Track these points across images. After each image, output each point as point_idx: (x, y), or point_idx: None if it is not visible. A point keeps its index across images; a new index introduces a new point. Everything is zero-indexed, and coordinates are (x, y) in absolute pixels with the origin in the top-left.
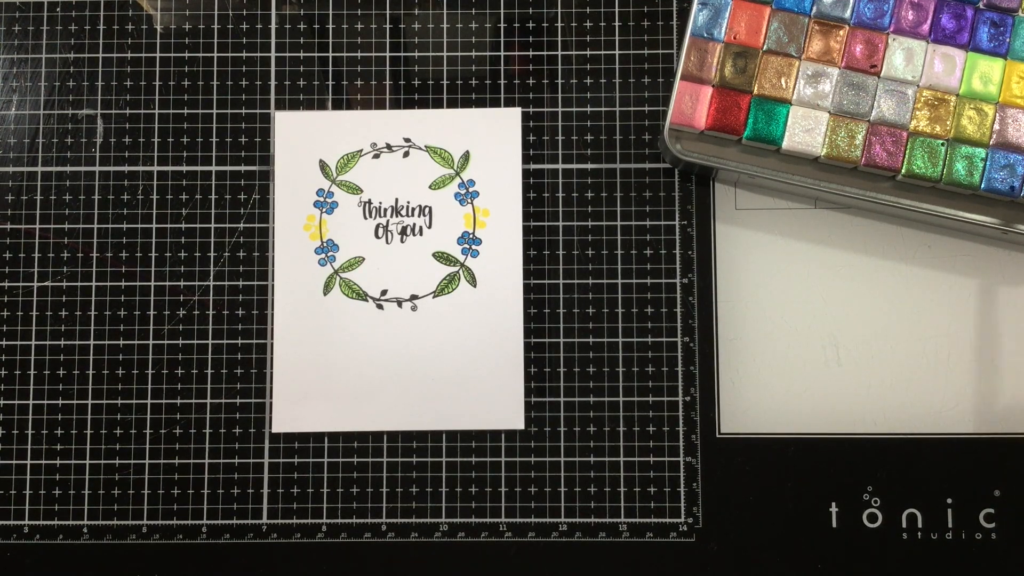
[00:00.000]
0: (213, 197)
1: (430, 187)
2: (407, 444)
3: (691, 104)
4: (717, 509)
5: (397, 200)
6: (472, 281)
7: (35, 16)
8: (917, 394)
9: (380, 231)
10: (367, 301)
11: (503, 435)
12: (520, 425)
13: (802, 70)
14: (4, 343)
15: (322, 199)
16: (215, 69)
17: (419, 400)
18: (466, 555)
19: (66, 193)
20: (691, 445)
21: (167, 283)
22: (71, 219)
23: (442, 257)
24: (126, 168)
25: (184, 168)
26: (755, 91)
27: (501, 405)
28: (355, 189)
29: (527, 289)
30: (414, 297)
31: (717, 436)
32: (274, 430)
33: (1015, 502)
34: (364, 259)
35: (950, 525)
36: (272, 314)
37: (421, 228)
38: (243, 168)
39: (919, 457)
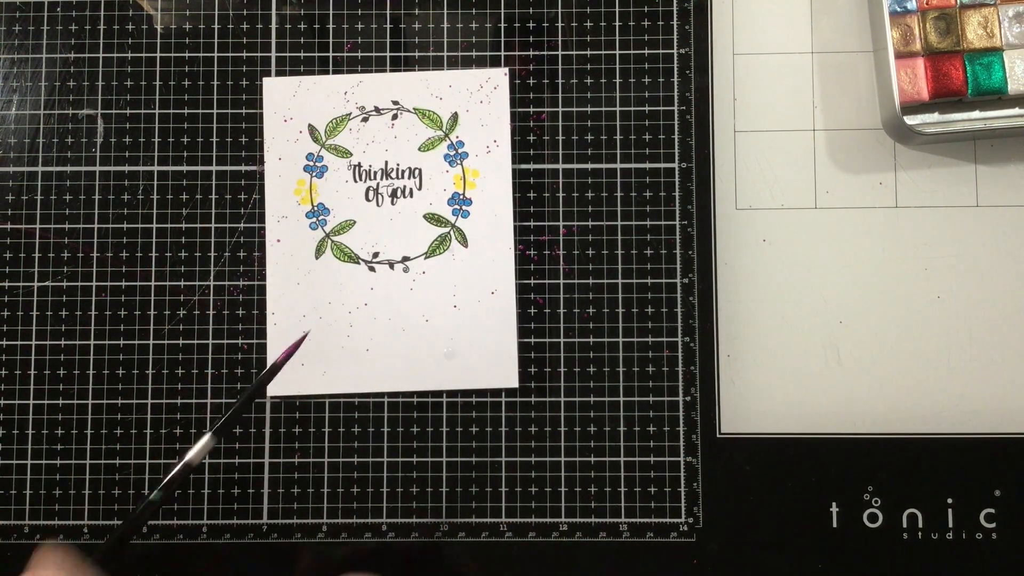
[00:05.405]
0: (213, 197)
1: (419, 149)
2: (407, 444)
3: (910, 80)
4: (717, 509)
5: (387, 163)
6: (463, 241)
7: (35, 16)
8: (917, 394)
9: (371, 194)
10: (359, 264)
11: (503, 435)
12: (514, 383)
13: (1002, 14)
14: (4, 343)
15: (312, 163)
16: (215, 69)
17: (414, 361)
18: (466, 555)
19: (66, 193)
20: (691, 445)
21: (167, 283)
22: (71, 219)
23: (433, 218)
24: (126, 168)
25: (184, 168)
26: (964, 48)
27: (496, 364)
28: (345, 153)
29: (526, 289)
30: (406, 259)
31: (717, 436)
32: (271, 394)
33: (1015, 502)
34: (355, 222)
35: (950, 525)
36: (265, 278)
37: (411, 190)
38: (243, 168)
39: (919, 457)
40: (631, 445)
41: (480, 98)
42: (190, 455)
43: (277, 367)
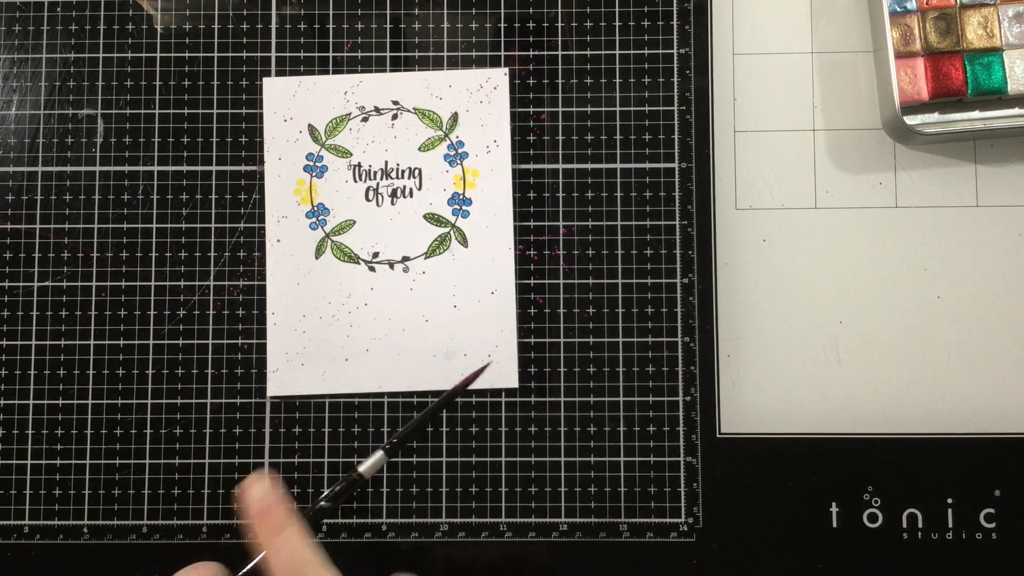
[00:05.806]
0: (213, 197)
1: (419, 149)
2: (407, 444)
3: (910, 80)
4: (717, 509)
5: (387, 163)
6: (463, 241)
7: (35, 16)
8: (917, 394)
9: (371, 194)
10: (359, 264)
11: (503, 435)
12: (514, 383)
13: (1002, 14)
14: (4, 343)
15: (312, 163)
16: (215, 69)
17: (414, 360)
18: (466, 555)
19: (66, 193)
20: (691, 445)
21: (167, 283)
22: (71, 219)
23: (433, 218)
24: (126, 168)
25: (184, 168)
26: (964, 48)
27: (496, 363)
28: (345, 153)
29: (526, 289)
30: (405, 259)
31: (717, 436)
32: (271, 394)
33: (1015, 502)
34: (355, 222)
35: (950, 525)
36: (265, 278)
37: (411, 190)
38: (243, 168)
39: (919, 457)
40: (631, 445)
41: (480, 98)
42: (362, 468)
43: (458, 391)
